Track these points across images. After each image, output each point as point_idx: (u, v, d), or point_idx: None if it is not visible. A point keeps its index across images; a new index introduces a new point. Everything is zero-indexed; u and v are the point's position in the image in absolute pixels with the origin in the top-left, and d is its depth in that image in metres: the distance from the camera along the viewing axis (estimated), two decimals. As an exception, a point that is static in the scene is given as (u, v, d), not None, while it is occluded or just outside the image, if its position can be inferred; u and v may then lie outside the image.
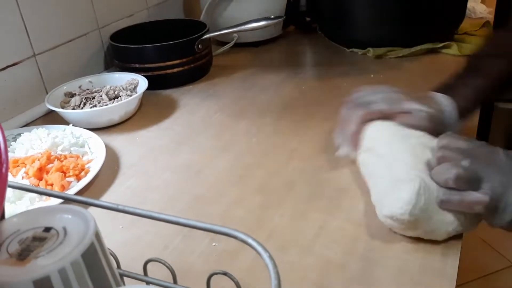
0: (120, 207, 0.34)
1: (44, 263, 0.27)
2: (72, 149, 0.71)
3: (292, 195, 0.60)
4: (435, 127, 0.58)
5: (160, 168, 0.69)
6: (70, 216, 0.31)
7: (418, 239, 0.51)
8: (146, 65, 0.93)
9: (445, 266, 0.48)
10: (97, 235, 0.30)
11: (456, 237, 0.51)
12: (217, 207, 0.60)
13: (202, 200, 0.61)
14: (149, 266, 0.40)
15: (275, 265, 0.27)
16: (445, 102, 0.60)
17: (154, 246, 0.54)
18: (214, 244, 0.53)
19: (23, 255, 0.28)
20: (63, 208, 0.32)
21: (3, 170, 0.26)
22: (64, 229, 0.30)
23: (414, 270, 0.48)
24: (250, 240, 0.29)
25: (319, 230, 0.54)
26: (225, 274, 0.33)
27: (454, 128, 0.59)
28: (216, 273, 0.34)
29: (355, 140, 0.61)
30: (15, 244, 0.29)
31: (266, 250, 0.28)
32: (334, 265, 0.49)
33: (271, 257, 0.27)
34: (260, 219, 0.57)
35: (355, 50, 1.07)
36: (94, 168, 0.66)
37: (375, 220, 0.54)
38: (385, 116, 0.60)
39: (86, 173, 0.65)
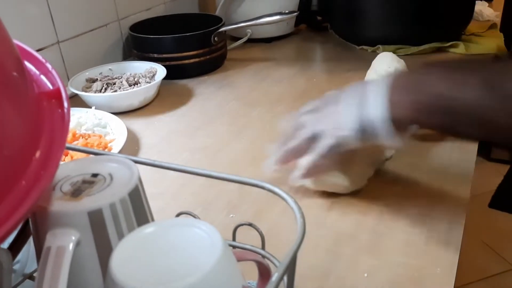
0: (156, 162, 0.37)
1: (97, 198, 0.30)
2: (95, 129, 0.74)
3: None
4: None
5: (178, 150, 0.73)
6: (115, 165, 0.34)
7: (424, 214, 0.54)
8: (164, 55, 0.97)
9: (450, 237, 0.51)
10: (140, 181, 0.33)
11: (460, 208, 0.55)
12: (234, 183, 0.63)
13: (219, 177, 0.65)
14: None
15: (299, 208, 0.30)
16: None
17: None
18: (231, 215, 0.57)
19: (76, 193, 0.31)
20: (108, 158, 0.35)
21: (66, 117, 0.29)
22: (110, 175, 0.33)
23: (420, 242, 0.51)
24: (276, 189, 0.32)
25: (331, 205, 0.57)
26: (250, 225, 0.36)
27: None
28: (242, 224, 0.37)
29: (289, 158, 0.58)
30: (67, 185, 0.32)
31: (291, 196, 0.31)
32: (345, 236, 0.52)
33: (296, 202, 0.31)
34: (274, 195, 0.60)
35: (365, 47, 1.11)
36: (116, 147, 0.69)
37: (384, 197, 0.57)
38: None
39: (109, 151, 0.69)
